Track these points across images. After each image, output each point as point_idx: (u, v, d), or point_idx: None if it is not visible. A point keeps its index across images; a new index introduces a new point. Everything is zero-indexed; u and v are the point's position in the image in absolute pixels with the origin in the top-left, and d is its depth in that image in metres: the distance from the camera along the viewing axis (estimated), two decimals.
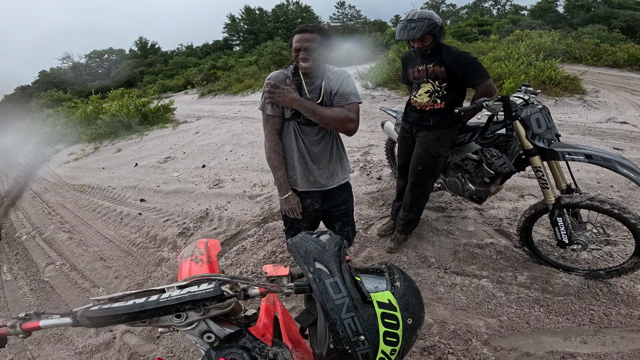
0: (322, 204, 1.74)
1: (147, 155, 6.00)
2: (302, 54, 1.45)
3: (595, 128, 4.69)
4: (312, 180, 1.64)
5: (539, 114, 1.84)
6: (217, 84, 12.86)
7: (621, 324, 1.81)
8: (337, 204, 1.78)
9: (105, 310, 0.68)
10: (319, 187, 1.66)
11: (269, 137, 1.60)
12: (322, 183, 1.66)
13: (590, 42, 10.35)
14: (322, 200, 1.73)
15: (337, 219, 1.83)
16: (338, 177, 1.71)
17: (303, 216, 1.69)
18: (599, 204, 1.78)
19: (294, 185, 1.64)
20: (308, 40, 1.43)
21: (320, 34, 1.44)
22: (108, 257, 3.10)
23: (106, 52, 43.39)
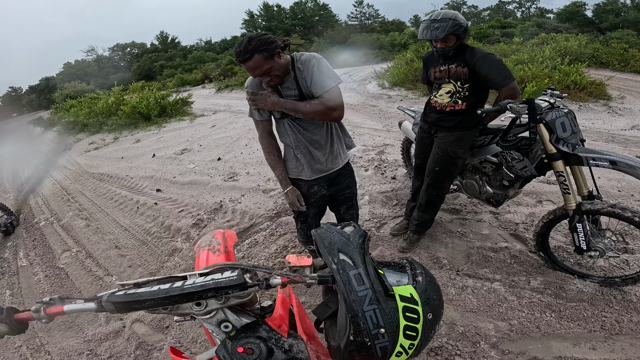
0: (329, 189, 1.80)
1: (165, 147, 6.12)
2: (264, 79, 1.47)
3: (619, 135, 4.54)
4: (318, 168, 1.68)
5: (564, 118, 1.79)
6: (234, 79, 12.96)
7: (632, 331, 1.78)
8: (342, 189, 1.84)
9: (131, 295, 0.69)
10: (325, 173, 1.72)
11: (261, 141, 1.69)
12: (328, 167, 1.71)
13: (618, 47, 9.98)
14: (328, 186, 1.79)
15: (342, 203, 1.90)
16: (341, 158, 1.77)
17: (311, 203, 1.77)
18: (620, 211, 1.73)
19: (300, 176, 1.69)
20: (254, 67, 1.39)
21: (259, 53, 1.36)
22: (123, 245, 3.17)
23: (129, 46, 44.40)
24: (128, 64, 41.48)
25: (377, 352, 0.63)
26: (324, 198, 1.80)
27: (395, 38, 20.07)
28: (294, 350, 0.75)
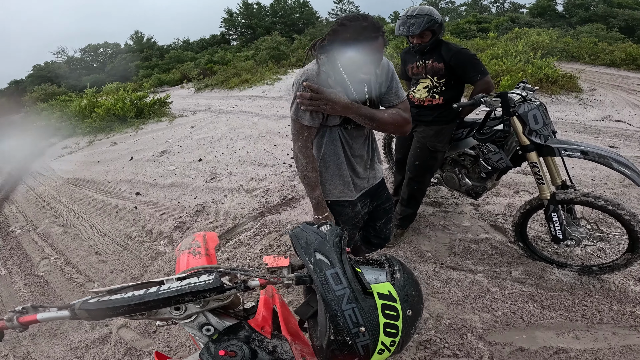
0: (369, 206, 1.61)
1: (143, 149, 5.95)
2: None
3: (591, 126, 4.73)
4: (360, 184, 1.48)
5: (536, 111, 1.85)
6: (214, 78, 12.73)
7: (613, 320, 1.82)
8: (382, 202, 1.64)
9: (104, 302, 0.68)
10: (367, 188, 1.53)
11: (304, 152, 1.33)
12: (370, 182, 1.53)
13: (588, 41, 10.40)
14: (369, 202, 1.59)
15: (380, 217, 1.69)
16: (379, 171, 1.58)
17: (355, 224, 1.55)
18: (594, 200, 1.80)
19: (345, 197, 1.45)
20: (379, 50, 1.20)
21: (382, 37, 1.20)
22: (103, 251, 3.07)
23: (101, 46, 42.89)
24: (101, 65, 40.16)
25: (359, 350, 0.63)
26: (364, 216, 1.59)
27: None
28: (278, 351, 0.75)
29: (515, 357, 1.69)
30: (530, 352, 1.69)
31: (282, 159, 4.47)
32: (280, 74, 11.62)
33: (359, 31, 1.15)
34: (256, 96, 8.74)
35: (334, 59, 1.22)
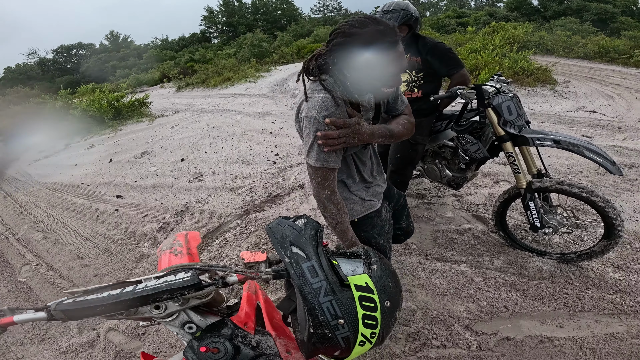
0: (390, 207, 1.54)
1: (122, 151, 5.81)
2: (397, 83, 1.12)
3: (566, 117, 4.89)
4: (377, 190, 1.40)
5: (509, 102, 1.90)
6: (195, 77, 12.49)
7: (594, 307, 1.87)
8: (397, 199, 1.60)
9: (79, 303, 0.67)
10: (382, 191, 1.45)
11: (333, 199, 1.17)
12: (381, 184, 1.45)
13: (562, 35, 10.71)
14: (388, 204, 1.53)
15: (402, 215, 1.63)
16: (382, 172, 1.50)
17: (387, 231, 1.46)
18: (568, 187, 1.85)
19: (369, 209, 1.36)
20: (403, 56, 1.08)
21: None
22: (86, 255, 3.00)
23: (74, 47, 41.48)
24: (75, 65, 38.87)
25: (340, 342, 0.64)
26: (391, 220, 1.50)
27: None
28: (262, 346, 0.75)
29: (502, 346, 1.71)
30: (516, 342, 1.72)
31: (265, 157, 4.45)
32: (263, 71, 11.52)
33: (375, 37, 0.99)
34: (239, 94, 8.64)
35: (343, 78, 1.07)
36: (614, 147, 3.80)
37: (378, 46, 0.98)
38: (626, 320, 1.79)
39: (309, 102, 1.07)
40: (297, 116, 1.13)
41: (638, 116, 4.73)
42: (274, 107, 6.82)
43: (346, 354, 0.66)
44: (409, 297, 2.02)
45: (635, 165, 3.35)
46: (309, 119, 1.06)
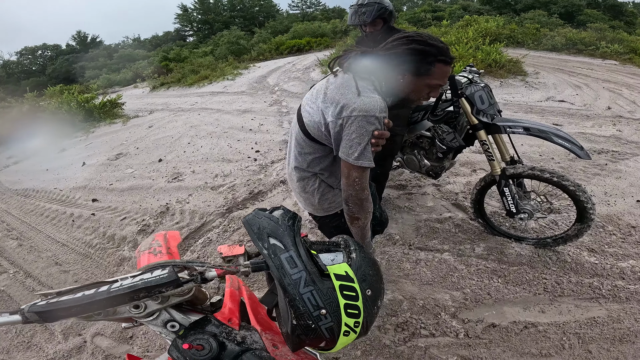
0: None
1: (96, 153, 5.60)
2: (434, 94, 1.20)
3: (537, 106, 5.07)
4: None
5: (481, 92, 1.95)
6: (170, 76, 12.15)
7: (573, 292, 1.92)
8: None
9: (53, 304, 0.65)
10: None
11: (369, 197, 1.21)
12: None
13: (532, 27, 11.07)
14: None
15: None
16: None
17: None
18: (540, 172, 1.91)
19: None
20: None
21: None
22: (64, 261, 2.90)
23: (39, 48, 39.56)
24: (41, 67, 37.10)
25: (324, 333, 0.63)
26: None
27: (337, 25, 20.18)
28: (248, 341, 0.75)
29: (488, 333, 1.75)
30: (501, 328, 1.76)
31: (246, 154, 4.40)
32: (241, 68, 11.34)
33: (444, 52, 1.09)
34: (217, 92, 8.49)
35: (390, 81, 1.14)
36: (583, 134, 3.98)
37: (444, 60, 1.09)
38: (605, 305, 1.85)
39: (366, 100, 1.07)
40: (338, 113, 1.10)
41: (605, 105, 4.96)
42: (254, 104, 6.74)
43: (332, 344, 0.66)
44: (395, 288, 2.05)
45: (604, 151, 3.52)
46: (367, 117, 1.06)
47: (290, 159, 1.38)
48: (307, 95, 1.30)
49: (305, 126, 1.24)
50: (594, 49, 9.32)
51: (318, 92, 1.21)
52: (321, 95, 1.18)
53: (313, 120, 1.19)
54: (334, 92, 1.13)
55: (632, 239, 2.29)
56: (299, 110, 1.30)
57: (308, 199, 1.41)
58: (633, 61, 8.31)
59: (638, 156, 3.38)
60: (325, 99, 1.15)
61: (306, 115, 1.23)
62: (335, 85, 1.15)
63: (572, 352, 1.65)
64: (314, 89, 1.28)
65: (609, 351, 1.64)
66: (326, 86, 1.19)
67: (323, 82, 1.26)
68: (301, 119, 1.26)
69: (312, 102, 1.22)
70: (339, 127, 1.11)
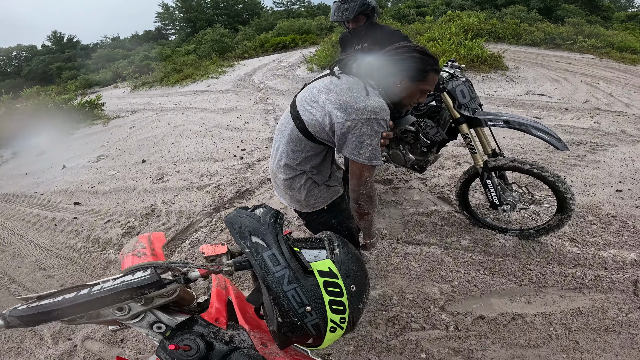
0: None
1: (76, 156, 5.45)
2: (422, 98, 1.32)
3: (517, 100, 5.19)
4: (339, 175, 1.53)
5: (463, 86, 1.98)
6: (152, 75, 11.89)
7: (557, 282, 1.96)
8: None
9: (34, 308, 0.64)
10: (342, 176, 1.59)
11: (375, 192, 1.36)
12: (341, 172, 1.60)
13: (512, 22, 11.28)
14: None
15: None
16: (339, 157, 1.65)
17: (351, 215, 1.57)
18: (520, 164, 1.96)
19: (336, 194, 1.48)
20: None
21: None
22: (48, 266, 2.84)
23: (14, 49, 38.09)
24: (16, 69, 35.79)
25: (310, 330, 0.63)
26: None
27: (322, 22, 20.12)
28: (236, 341, 0.74)
29: (477, 325, 1.78)
30: (490, 320, 1.79)
31: (232, 152, 4.36)
32: (225, 66, 11.19)
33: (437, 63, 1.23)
34: (201, 91, 8.36)
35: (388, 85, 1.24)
36: (562, 126, 4.09)
37: (436, 69, 1.23)
38: (589, 295, 1.89)
39: (375, 104, 1.15)
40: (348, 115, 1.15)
41: (583, 98, 5.10)
42: (239, 102, 6.67)
43: (319, 341, 0.66)
44: (384, 282, 2.06)
45: (582, 143, 3.63)
46: (376, 121, 1.14)
47: (279, 156, 1.37)
48: (305, 94, 1.30)
49: (305, 125, 1.25)
50: (571, 43, 9.57)
51: (319, 91, 1.23)
52: (324, 94, 1.21)
53: (315, 119, 1.21)
54: (342, 94, 1.17)
55: (613, 229, 2.35)
56: (295, 108, 1.30)
57: (294, 196, 1.42)
58: (610, 55, 8.58)
59: (616, 147, 3.50)
60: (332, 99, 1.18)
61: (307, 114, 1.24)
62: (342, 88, 1.19)
63: (560, 342, 1.68)
64: (312, 87, 1.29)
65: (595, 341, 1.67)
66: (328, 87, 1.22)
67: (322, 81, 1.27)
68: (299, 118, 1.26)
69: (312, 101, 1.24)
70: (346, 128, 1.15)
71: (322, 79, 1.30)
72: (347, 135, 1.16)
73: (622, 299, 1.87)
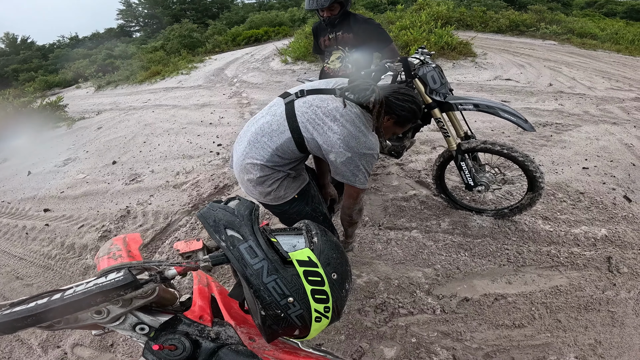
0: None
1: (41, 161, 5.16)
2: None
3: (486, 85, 5.36)
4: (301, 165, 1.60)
5: (433, 72, 2.03)
6: (118, 74, 11.31)
7: (534, 261, 2.02)
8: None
9: (7, 315, 0.61)
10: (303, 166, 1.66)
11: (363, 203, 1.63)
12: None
13: (479, 10, 11.56)
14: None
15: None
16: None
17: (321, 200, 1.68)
18: (491, 146, 2.03)
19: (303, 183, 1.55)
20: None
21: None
22: (24, 275, 2.72)
23: None
24: None
25: (295, 321, 0.62)
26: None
27: (295, 13, 19.81)
28: (223, 337, 0.73)
29: (463, 307, 1.82)
30: (474, 302, 1.83)
31: (208, 148, 4.25)
32: (196, 62, 10.84)
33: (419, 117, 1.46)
34: (171, 87, 8.07)
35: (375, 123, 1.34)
36: (528, 109, 4.27)
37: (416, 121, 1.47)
38: (565, 272, 1.97)
39: (373, 141, 1.32)
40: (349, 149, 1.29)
41: (547, 82, 5.33)
42: (212, 97, 6.50)
43: (305, 332, 0.65)
44: (370, 270, 2.08)
45: (548, 124, 3.80)
46: (372, 155, 1.34)
47: (257, 155, 1.36)
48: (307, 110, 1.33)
49: (304, 141, 1.32)
50: (534, 30, 9.95)
51: (325, 115, 1.29)
52: (330, 121, 1.29)
53: (315, 140, 1.31)
54: (348, 126, 1.28)
55: (582, 205, 2.47)
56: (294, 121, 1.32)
57: (263, 191, 1.43)
58: (571, 41, 8.98)
59: (580, 127, 3.69)
60: (337, 130, 1.28)
61: (307, 134, 1.31)
62: (347, 120, 1.28)
63: (543, 322, 1.74)
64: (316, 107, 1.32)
65: (577, 320, 1.73)
66: (334, 115, 1.29)
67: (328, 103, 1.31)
68: (298, 133, 1.31)
69: (315, 122, 1.30)
70: (345, 158, 1.29)
71: (328, 99, 1.32)
72: (345, 164, 1.30)
73: (597, 275, 1.94)
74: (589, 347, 1.63)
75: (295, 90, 1.40)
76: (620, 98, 4.51)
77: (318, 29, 2.40)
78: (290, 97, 1.38)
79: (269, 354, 0.77)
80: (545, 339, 1.67)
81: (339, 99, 1.32)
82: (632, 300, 1.82)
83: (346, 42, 2.20)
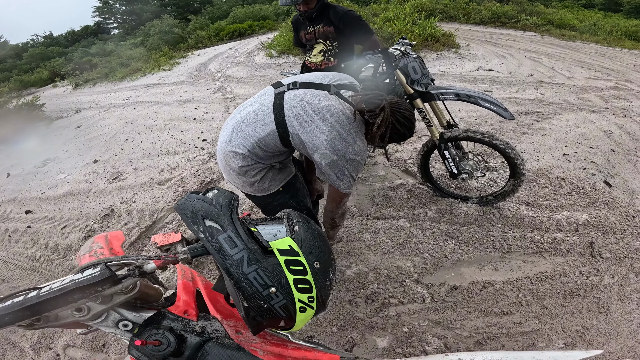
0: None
1: (20, 162, 4.99)
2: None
3: (470, 76, 5.42)
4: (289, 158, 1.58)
5: (414, 62, 2.03)
6: (96, 71, 10.96)
7: (519, 247, 2.05)
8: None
9: None
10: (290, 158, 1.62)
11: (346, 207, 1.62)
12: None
13: (462, 2, 11.65)
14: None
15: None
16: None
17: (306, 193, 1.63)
18: (473, 134, 2.06)
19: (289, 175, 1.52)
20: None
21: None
22: (10, 277, 2.66)
23: None
24: None
25: (279, 312, 0.61)
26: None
27: (279, 7, 19.58)
28: (208, 331, 0.72)
29: (452, 295, 1.84)
30: (463, 289, 1.85)
31: (193, 144, 4.19)
32: (178, 57, 10.60)
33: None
34: (153, 84, 7.88)
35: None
36: (510, 98, 4.35)
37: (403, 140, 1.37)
38: (549, 258, 2.00)
39: (361, 146, 1.29)
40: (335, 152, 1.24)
41: (527, 72, 5.43)
42: (195, 93, 6.38)
43: (291, 322, 0.64)
44: (359, 260, 2.09)
45: (529, 112, 3.88)
46: (359, 161, 1.30)
47: (240, 143, 1.31)
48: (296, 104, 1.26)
49: (288, 136, 1.26)
50: (515, 21, 10.09)
51: (314, 112, 1.23)
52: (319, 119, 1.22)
53: (299, 136, 1.25)
54: (337, 127, 1.22)
55: (563, 190, 2.52)
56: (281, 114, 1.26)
57: (247, 181, 1.38)
58: (550, 32, 9.15)
59: (560, 115, 3.78)
60: (325, 131, 1.22)
61: (293, 129, 1.25)
62: (337, 121, 1.23)
63: (530, 308, 1.76)
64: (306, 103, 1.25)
65: (563, 306, 1.76)
66: (324, 115, 1.22)
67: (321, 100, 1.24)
68: (284, 126, 1.25)
69: (303, 118, 1.24)
70: (331, 161, 1.25)
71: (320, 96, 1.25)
72: (330, 166, 1.26)
73: (581, 261, 1.98)
74: (576, 334, 1.66)
75: (289, 82, 1.32)
76: (598, 87, 4.63)
77: (297, 23, 2.37)
78: (281, 88, 1.31)
79: (256, 346, 0.76)
80: (534, 326, 1.70)
81: (332, 97, 1.24)
82: (616, 285, 1.85)
83: (327, 35, 2.18)
